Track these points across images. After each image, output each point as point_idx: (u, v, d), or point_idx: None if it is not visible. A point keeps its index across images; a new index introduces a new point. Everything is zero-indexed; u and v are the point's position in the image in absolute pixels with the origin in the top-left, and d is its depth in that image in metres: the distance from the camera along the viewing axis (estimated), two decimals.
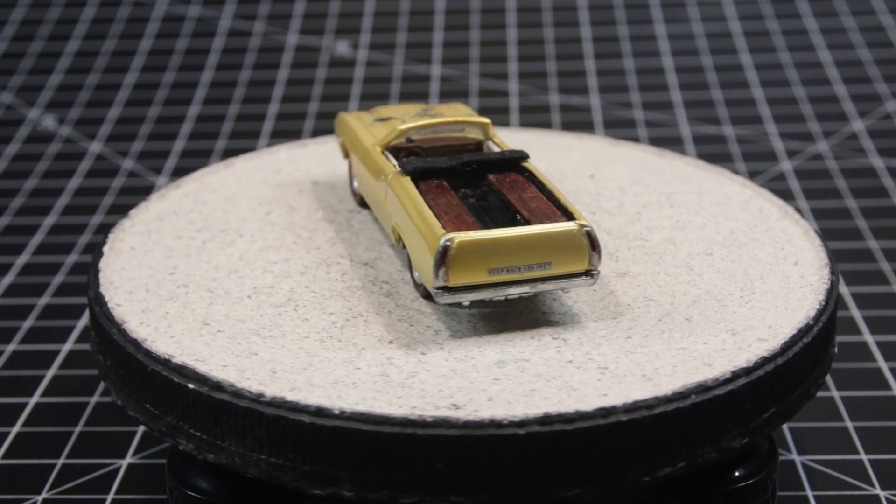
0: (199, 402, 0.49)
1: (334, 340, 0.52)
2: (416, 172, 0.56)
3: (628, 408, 0.47)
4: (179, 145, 1.00)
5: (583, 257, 0.52)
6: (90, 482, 0.61)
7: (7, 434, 0.65)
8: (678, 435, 0.48)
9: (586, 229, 0.52)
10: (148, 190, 0.93)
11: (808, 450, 0.62)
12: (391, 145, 0.59)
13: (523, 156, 0.58)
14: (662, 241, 0.61)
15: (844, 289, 0.77)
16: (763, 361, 0.50)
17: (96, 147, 1.00)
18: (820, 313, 0.54)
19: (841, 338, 0.71)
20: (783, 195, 0.87)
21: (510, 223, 0.53)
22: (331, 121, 0.68)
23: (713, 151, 0.96)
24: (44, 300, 0.78)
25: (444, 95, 1.06)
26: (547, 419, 0.46)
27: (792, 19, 1.15)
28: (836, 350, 0.57)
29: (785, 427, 0.64)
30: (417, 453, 0.46)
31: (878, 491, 0.59)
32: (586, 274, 0.52)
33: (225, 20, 1.18)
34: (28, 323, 0.76)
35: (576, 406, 0.47)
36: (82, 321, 0.75)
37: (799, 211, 0.83)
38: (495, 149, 0.60)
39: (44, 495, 0.60)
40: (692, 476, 0.52)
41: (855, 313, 0.75)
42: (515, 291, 0.52)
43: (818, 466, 0.61)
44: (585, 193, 0.66)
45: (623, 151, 0.71)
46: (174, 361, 0.50)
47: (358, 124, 0.64)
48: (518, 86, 1.07)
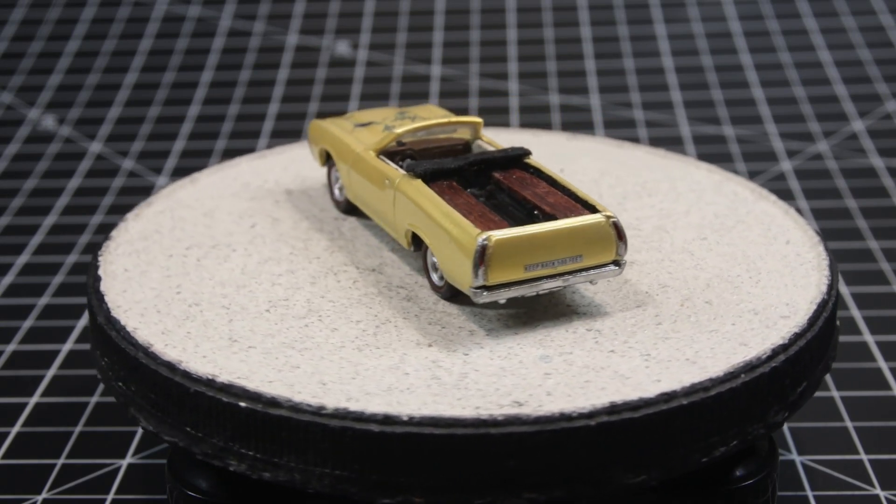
0: (253, 421, 0.48)
1: (372, 348, 0.52)
2: (427, 174, 0.56)
3: (687, 391, 0.48)
4: (179, 145, 1.00)
5: (611, 248, 0.53)
6: (90, 482, 0.61)
7: (7, 434, 0.65)
8: (731, 414, 0.49)
9: (613, 220, 0.53)
10: (148, 190, 0.93)
11: (808, 450, 0.62)
12: (386, 150, 0.59)
13: (526, 152, 0.58)
14: (654, 230, 0.61)
15: (844, 289, 0.77)
16: (796, 337, 0.52)
17: (96, 147, 1.00)
18: (829, 287, 0.56)
19: (841, 338, 0.71)
20: (783, 195, 0.87)
21: (528, 219, 0.54)
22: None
23: (713, 151, 0.96)
24: (44, 300, 0.78)
25: (444, 95, 1.06)
26: (614, 408, 0.47)
27: (792, 19, 1.15)
28: (839, 323, 0.59)
29: (785, 427, 0.64)
30: (490, 453, 0.46)
31: (878, 491, 0.59)
32: (614, 264, 0.53)
33: (225, 20, 1.18)
34: (28, 323, 0.76)
35: (637, 393, 0.48)
36: (82, 321, 0.75)
37: (799, 211, 0.82)
38: (488, 148, 0.60)
39: (44, 495, 0.60)
40: (692, 476, 0.52)
41: (855, 313, 0.75)
42: (549, 286, 0.52)
43: (818, 466, 0.61)
44: None
45: (583, 145, 0.72)
46: (219, 381, 0.49)
47: (340, 131, 0.63)
48: (518, 86, 1.07)
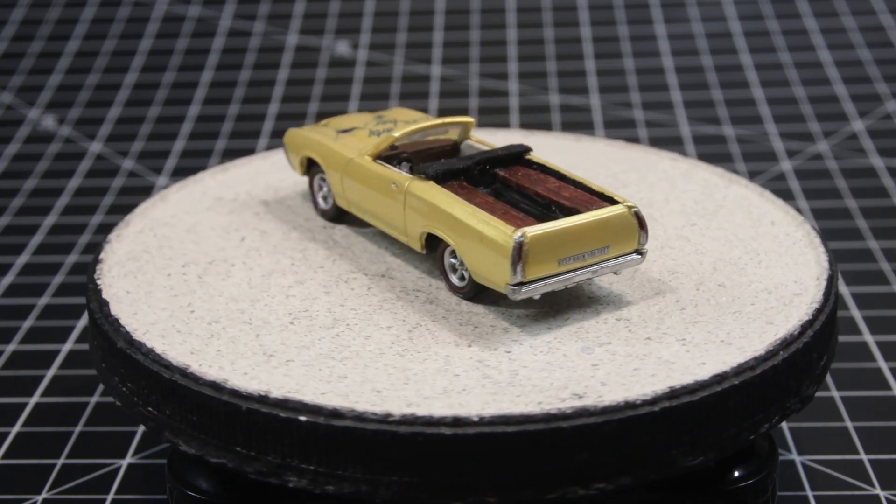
0: (315, 434, 0.47)
1: (413, 353, 0.51)
2: (438, 175, 0.56)
3: (736, 371, 0.49)
4: (179, 145, 1.00)
5: (634, 237, 0.54)
6: (90, 482, 0.61)
7: (7, 434, 0.65)
8: (773, 391, 0.50)
9: (634, 210, 0.54)
10: (148, 190, 0.93)
11: (808, 450, 0.62)
12: (382, 154, 0.59)
13: (527, 149, 0.59)
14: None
15: (844, 289, 0.77)
16: (817, 312, 0.54)
17: (96, 147, 1.00)
18: (830, 264, 0.58)
19: (841, 338, 0.71)
20: (783, 195, 0.87)
21: (546, 214, 0.54)
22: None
23: (713, 151, 0.96)
24: (44, 300, 0.78)
25: (444, 95, 1.06)
26: (674, 393, 0.48)
27: (792, 19, 1.15)
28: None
29: (785, 427, 0.64)
30: (561, 447, 0.47)
31: (878, 491, 0.59)
32: (636, 252, 0.54)
33: (225, 20, 1.18)
34: (28, 323, 0.76)
35: (689, 377, 0.49)
36: (82, 321, 0.75)
37: (799, 211, 0.82)
38: (479, 147, 0.61)
39: (44, 495, 0.60)
40: (692, 476, 0.52)
41: (855, 313, 0.74)
42: (580, 278, 0.53)
43: (818, 466, 0.61)
44: None
45: (542, 140, 0.72)
46: (273, 397, 0.48)
47: (324, 138, 0.62)
48: (518, 86, 1.07)
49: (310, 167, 0.64)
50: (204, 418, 0.49)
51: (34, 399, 0.68)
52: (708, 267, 0.58)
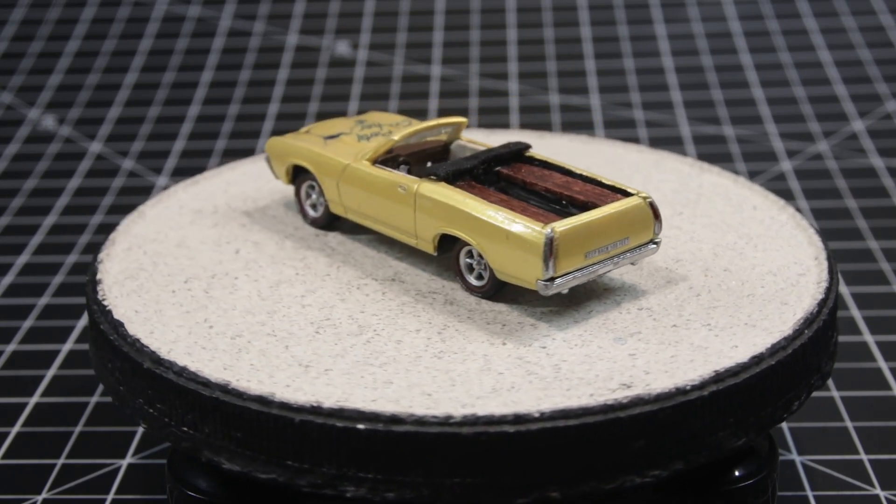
0: (374, 441, 0.47)
1: (449, 354, 0.51)
2: (449, 176, 0.56)
3: (771, 351, 0.51)
4: (179, 145, 1.00)
5: (650, 227, 0.55)
6: (90, 482, 0.61)
7: (7, 434, 0.65)
8: (801, 369, 0.52)
9: (649, 200, 0.55)
10: (148, 190, 0.93)
11: (809, 450, 0.62)
12: (381, 158, 0.59)
13: (526, 146, 0.59)
14: None
15: (844, 289, 0.77)
16: (828, 291, 0.55)
17: (96, 147, 1.00)
18: (823, 243, 0.59)
19: (841, 338, 0.71)
20: (783, 195, 0.87)
21: (559, 210, 0.55)
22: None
23: (713, 151, 0.96)
24: (44, 300, 0.78)
25: (444, 95, 1.06)
26: (719, 377, 0.49)
27: (792, 19, 1.15)
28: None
29: (785, 427, 0.64)
30: (619, 437, 0.47)
31: (878, 491, 0.59)
32: (652, 242, 0.55)
33: (225, 20, 1.18)
34: (28, 323, 0.76)
35: (727, 361, 0.50)
36: (82, 321, 0.75)
37: (799, 211, 0.82)
38: (473, 147, 0.61)
39: (44, 495, 0.60)
40: (692, 475, 0.52)
41: (855, 313, 0.74)
42: (604, 270, 0.54)
43: (818, 466, 0.61)
44: None
45: (505, 138, 0.71)
46: (326, 407, 0.47)
47: (312, 145, 0.61)
48: (518, 86, 1.07)
49: (296, 175, 0.62)
50: (250, 434, 0.48)
51: (34, 399, 0.68)
52: (708, 253, 0.59)
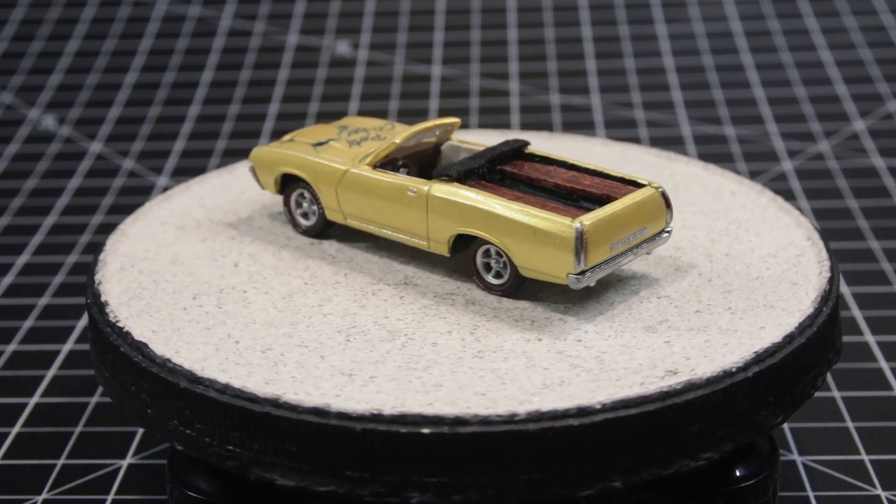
0: (439, 445, 0.46)
1: (489, 353, 0.51)
2: (461, 176, 0.56)
3: (799, 330, 0.52)
4: (179, 145, 1.00)
5: (663, 216, 0.56)
6: (90, 482, 0.61)
7: (7, 434, 0.65)
8: (823, 344, 0.53)
9: (661, 190, 0.56)
10: (148, 190, 0.93)
11: (809, 450, 0.62)
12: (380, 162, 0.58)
13: (526, 143, 0.59)
14: None
15: (845, 289, 0.77)
16: (832, 269, 0.56)
17: (96, 147, 1.00)
18: (811, 222, 0.61)
19: (842, 338, 0.71)
20: (784, 195, 0.87)
21: (571, 204, 0.55)
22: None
23: (713, 151, 0.96)
24: (44, 300, 0.78)
25: (444, 95, 1.06)
26: (759, 357, 0.50)
27: (792, 19, 1.15)
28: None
29: (786, 427, 0.64)
30: (676, 422, 0.48)
31: (879, 491, 0.59)
32: (664, 231, 0.56)
33: (225, 20, 1.18)
34: (28, 323, 0.76)
35: (760, 342, 0.51)
36: (82, 321, 0.75)
37: (800, 210, 0.82)
38: (465, 147, 0.61)
39: (44, 495, 0.60)
40: (692, 476, 0.52)
41: (855, 313, 0.74)
42: (626, 261, 0.54)
43: (819, 467, 0.61)
44: None
45: (472, 137, 0.71)
46: (387, 414, 0.46)
47: (304, 153, 0.60)
48: (518, 86, 1.07)
49: (284, 185, 0.61)
50: (306, 447, 0.47)
51: (34, 399, 0.68)
52: (705, 240, 0.59)
